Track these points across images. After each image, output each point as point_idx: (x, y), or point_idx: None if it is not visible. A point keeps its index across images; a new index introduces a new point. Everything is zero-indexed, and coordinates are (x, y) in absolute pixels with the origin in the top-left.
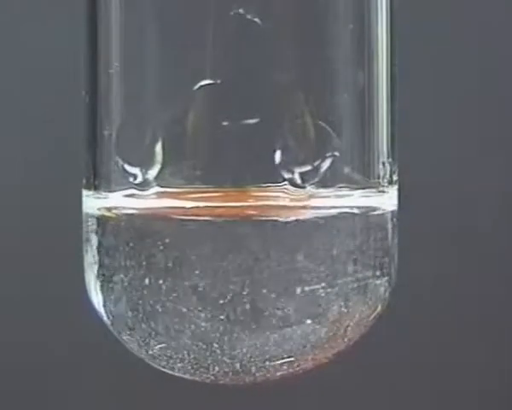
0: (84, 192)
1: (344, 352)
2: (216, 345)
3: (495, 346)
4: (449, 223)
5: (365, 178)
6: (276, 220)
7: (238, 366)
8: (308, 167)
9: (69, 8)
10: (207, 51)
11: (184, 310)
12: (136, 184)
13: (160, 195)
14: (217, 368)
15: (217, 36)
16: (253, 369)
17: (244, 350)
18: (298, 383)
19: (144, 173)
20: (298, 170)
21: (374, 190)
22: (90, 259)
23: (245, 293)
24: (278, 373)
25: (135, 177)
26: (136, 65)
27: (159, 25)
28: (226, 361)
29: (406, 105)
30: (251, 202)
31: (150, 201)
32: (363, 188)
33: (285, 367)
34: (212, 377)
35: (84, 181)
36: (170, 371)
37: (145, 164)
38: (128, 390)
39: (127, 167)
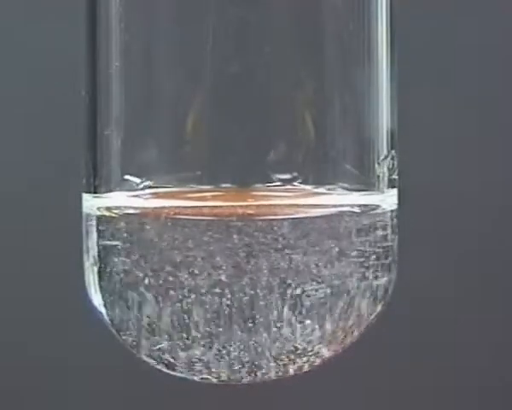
0: (84, 192)
1: (344, 352)
2: (215, 345)
3: (495, 346)
4: (449, 223)
5: (365, 177)
6: (275, 220)
7: (237, 366)
8: (308, 166)
9: (69, 8)
10: (207, 52)
11: (184, 310)
12: (136, 184)
13: (159, 195)
14: (216, 368)
15: (216, 36)
16: (253, 369)
17: (244, 350)
18: (298, 383)
19: (144, 173)
20: (297, 169)
21: (374, 188)
22: (90, 259)
23: (244, 292)
24: (278, 373)
25: (135, 177)
26: (136, 65)
27: (159, 25)
28: (226, 361)
29: (406, 105)
30: (250, 202)
31: (150, 200)
32: (364, 187)
33: (285, 367)
34: (212, 377)
35: (84, 181)
36: (169, 371)
37: (145, 164)
38: (128, 390)
39: (127, 167)
